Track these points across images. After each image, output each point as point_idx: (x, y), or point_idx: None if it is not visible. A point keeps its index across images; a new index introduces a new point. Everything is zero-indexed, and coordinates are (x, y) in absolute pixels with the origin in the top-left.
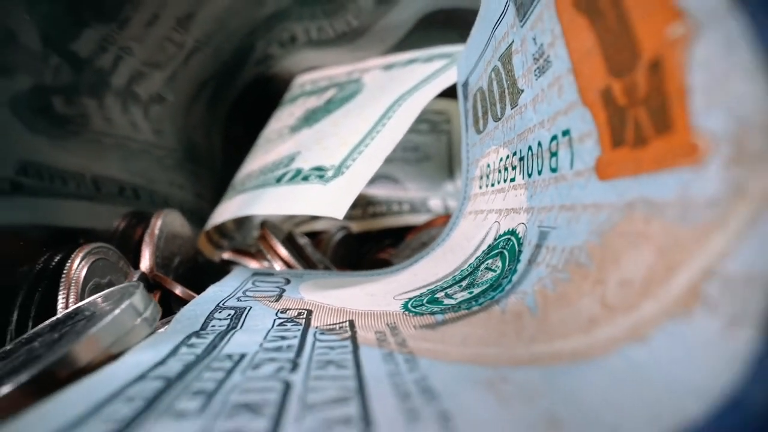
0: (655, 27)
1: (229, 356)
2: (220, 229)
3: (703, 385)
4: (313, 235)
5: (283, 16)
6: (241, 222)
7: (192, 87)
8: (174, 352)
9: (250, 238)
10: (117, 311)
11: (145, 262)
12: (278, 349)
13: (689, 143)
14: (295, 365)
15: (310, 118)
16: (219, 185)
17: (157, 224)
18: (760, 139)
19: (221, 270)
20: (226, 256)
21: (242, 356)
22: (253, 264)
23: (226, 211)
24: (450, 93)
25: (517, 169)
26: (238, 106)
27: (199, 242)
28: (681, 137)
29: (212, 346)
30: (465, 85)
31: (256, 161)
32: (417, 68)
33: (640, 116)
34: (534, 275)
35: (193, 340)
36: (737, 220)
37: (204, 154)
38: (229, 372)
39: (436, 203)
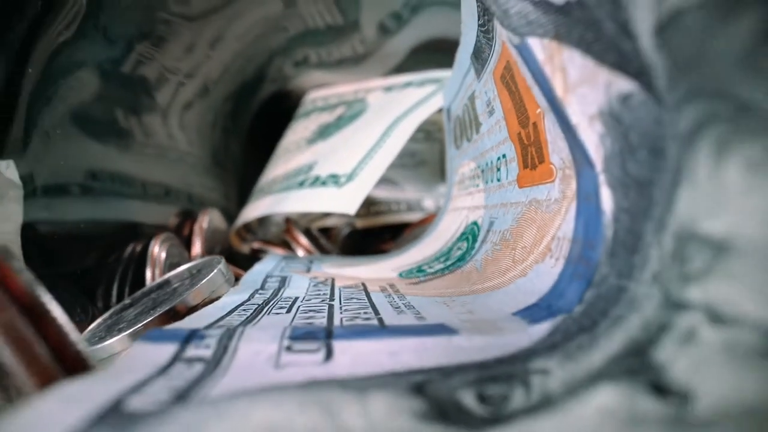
0: (532, 105)
1: (289, 297)
2: (246, 225)
3: (542, 289)
4: (325, 231)
5: (298, 41)
6: (263, 220)
7: (218, 102)
8: (251, 296)
9: (269, 233)
10: (212, 273)
11: (196, 249)
12: (317, 294)
13: (549, 169)
14: (331, 298)
15: (324, 132)
16: (241, 188)
17: (204, 220)
18: (570, 169)
19: (251, 258)
20: (257, 245)
21: (296, 298)
22: (279, 251)
23: (256, 209)
24: None
25: (480, 178)
26: (256, 118)
27: (230, 236)
28: (546, 166)
29: (274, 294)
30: (448, 110)
31: (278, 168)
32: (412, 92)
33: (532, 152)
34: (483, 249)
35: (260, 292)
36: (565, 210)
37: (227, 160)
38: (293, 303)
39: (429, 203)
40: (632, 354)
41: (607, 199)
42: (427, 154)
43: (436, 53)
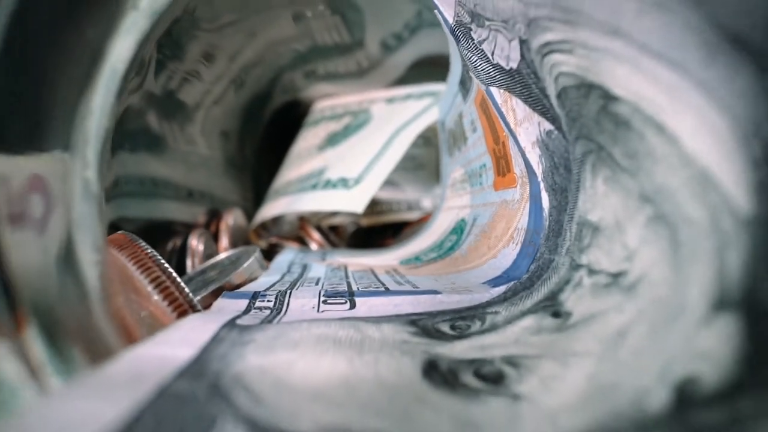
0: (500, 129)
1: (313, 277)
2: (262, 223)
3: (505, 265)
4: (333, 228)
5: (308, 56)
6: (277, 219)
7: (236, 110)
8: (282, 277)
9: (282, 230)
10: (251, 259)
11: (223, 243)
12: (335, 275)
13: (513, 177)
14: (347, 277)
15: (333, 140)
16: (257, 190)
17: (229, 218)
18: (525, 178)
19: (269, 252)
20: (274, 240)
21: (319, 278)
22: (295, 246)
23: (274, 209)
24: None
25: (467, 182)
26: (269, 125)
27: (249, 233)
28: (511, 175)
29: (300, 276)
30: (443, 123)
31: (292, 172)
32: (411, 104)
33: (503, 163)
34: (468, 240)
35: (287, 275)
36: (523, 207)
37: (244, 164)
38: (317, 281)
39: (427, 203)
40: (548, 299)
41: (545, 200)
42: (425, 159)
43: (433, 67)
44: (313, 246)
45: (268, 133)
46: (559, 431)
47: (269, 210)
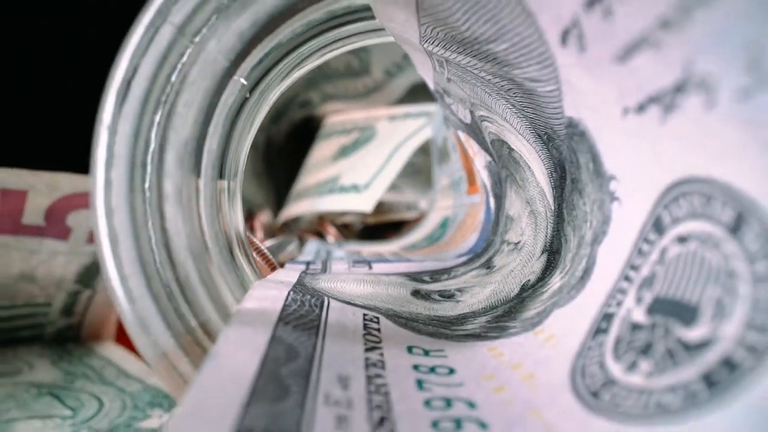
0: (468, 153)
1: (337, 257)
2: (285, 222)
3: (471, 245)
4: (344, 226)
5: (323, 78)
6: (297, 217)
7: (263, 126)
8: (314, 259)
9: (301, 226)
10: (292, 245)
11: (259, 236)
12: (353, 256)
13: (477, 187)
14: (362, 256)
15: (344, 152)
16: (278, 193)
17: (263, 216)
18: (483, 188)
19: None
20: (298, 233)
21: (342, 257)
22: (314, 238)
23: (297, 209)
24: None
25: (451, 189)
26: (285, 137)
27: (275, 229)
28: (476, 185)
29: (327, 256)
30: (434, 140)
31: (310, 178)
32: (410, 122)
33: (472, 176)
34: (449, 232)
35: (319, 255)
36: (483, 207)
37: (269, 170)
38: (342, 258)
39: (423, 203)
40: (486, 261)
41: (492, 203)
42: (422, 165)
43: (426, 90)
44: (330, 239)
45: (285, 144)
46: (474, 308)
47: (293, 209)
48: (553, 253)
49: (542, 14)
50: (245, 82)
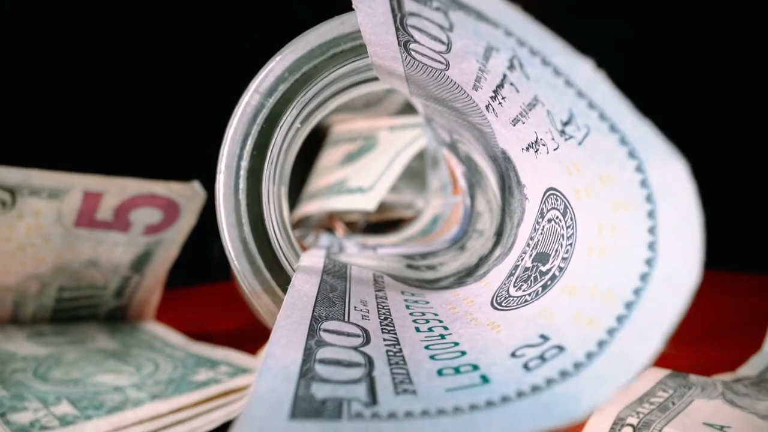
0: (452, 162)
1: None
2: (298, 220)
3: (452, 235)
4: (349, 224)
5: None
6: (308, 216)
7: None
8: (329, 251)
9: (311, 223)
10: (310, 238)
11: None
12: (364, 249)
13: (458, 190)
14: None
15: (350, 158)
16: (291, 195)
17: None
18: (462, 190)
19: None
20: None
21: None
22: (326, 233)
23: (309, 207)
24: None
25: (441, 190)
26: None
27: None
28: (457, 188)
29: (339, 252)
30: (428, 148)
31: (320, 181)
32: (407, 132)
33: (455, 181)
34: (438, 226)
35: (333, 245)
36: (462, 206)
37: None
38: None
39: (419, 203)
40: (461, 246)
41: (466, 202)
42: (419, 169)
43: None
44: (339, 233)
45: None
46: (447, 273)
47: (305, 209)
48: (499, 235)
49: (474, 96)
50: (300, 126)
